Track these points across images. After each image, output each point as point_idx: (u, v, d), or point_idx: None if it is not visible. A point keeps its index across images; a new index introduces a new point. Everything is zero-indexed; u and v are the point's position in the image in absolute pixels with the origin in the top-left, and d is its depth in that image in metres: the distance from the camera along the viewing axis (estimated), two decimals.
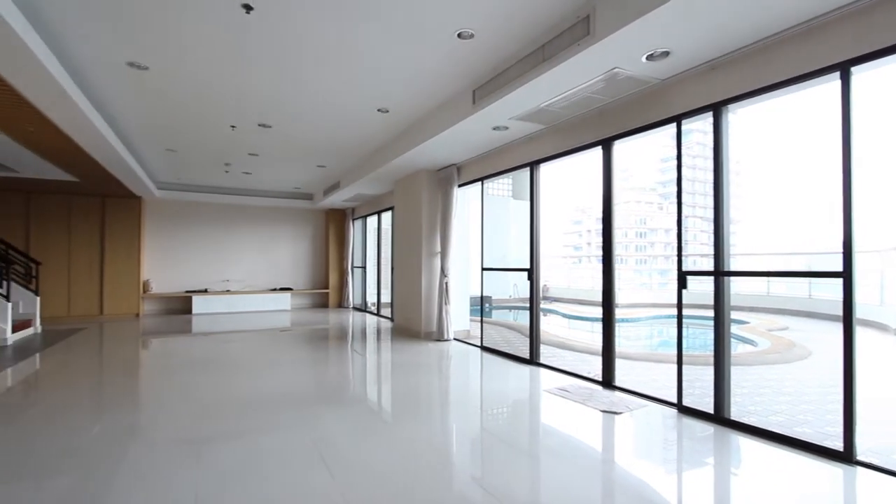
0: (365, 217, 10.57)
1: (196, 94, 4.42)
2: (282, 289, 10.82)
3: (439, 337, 6.39)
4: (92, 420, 3.22)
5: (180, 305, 9.98)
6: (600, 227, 4.23)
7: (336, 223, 11.37)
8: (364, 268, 10.90)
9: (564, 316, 13.14)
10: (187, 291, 9.91)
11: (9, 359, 5.23)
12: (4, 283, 6.18)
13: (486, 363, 5.13)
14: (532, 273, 5.04)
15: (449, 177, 6.36)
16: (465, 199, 6.64)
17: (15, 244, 7.67)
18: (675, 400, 3.43)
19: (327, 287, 11.34)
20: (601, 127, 4.07)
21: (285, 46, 3.43)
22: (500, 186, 7.06)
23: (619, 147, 4.09)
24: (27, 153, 5.68)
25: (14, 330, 6.27)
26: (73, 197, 8.69)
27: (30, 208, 8.40)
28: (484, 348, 5.86)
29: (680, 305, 3.43)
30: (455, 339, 6.52)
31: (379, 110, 4.85)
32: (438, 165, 6.42)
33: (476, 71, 3.85)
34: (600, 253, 4.22)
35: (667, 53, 2.94)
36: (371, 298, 10.54)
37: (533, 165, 5.02)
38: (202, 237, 10.24)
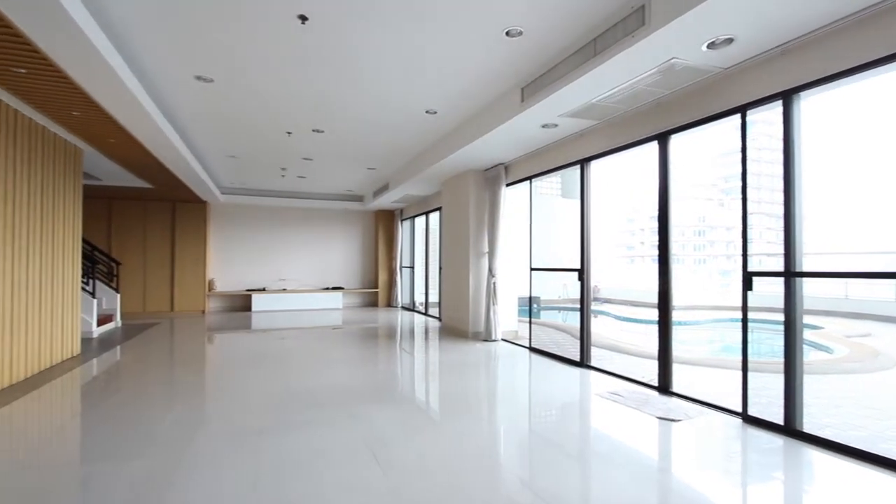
0: (413, 218, 10.73)
1: (255, 103, 4.67)
2: (333, 288, 11.19)
3: (487, 337, 6.37)
4: (164, 408, 3.49)
5: (241, 303, 10.57)
6: (655, 225, 4.06)
7: (385, 224, 11.62)
8: (412, 268, 11.06)
9: (616, 318, 12.71)
10: (247, 290, 10.48)
11: (94, 350, 5.76)
12: (91, 281, 6.80)
13: (535, 364, 5.06)
14: (583, 273, 4.91)
15: (496, 176, 6.32)
16: (512, 199, 6.58)
17: (98, 246, 8.44)
18: (739, 409, 3.23)
19: (377, 286, 11.62)
20: (657, 120, 3.90)
21: (338, 54, 3.55)
22: (548, 185, 6.94)
23: (676, 141, 3.90)
24: (109, 163, 6.23)
25: (98, 324, 6.89)
26: (147, 202, 9.43)
27: (111, 213, 9.21)
28: (532, 349, 5.78)
29: (745, 308, 3.22)
30: (503, 339, 6.48)
31: (427, 112, 4.90)
32: (486, 165, 6.40)
33: (524, 68, 3.80)
34: (655, 252, 4.05)
35: (730, 40, 2.77)
36: (419, 298, 10.68)
37: (583, 163, 4.89)
38: (260, 238, 10.79)
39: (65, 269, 5.10)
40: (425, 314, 9.73)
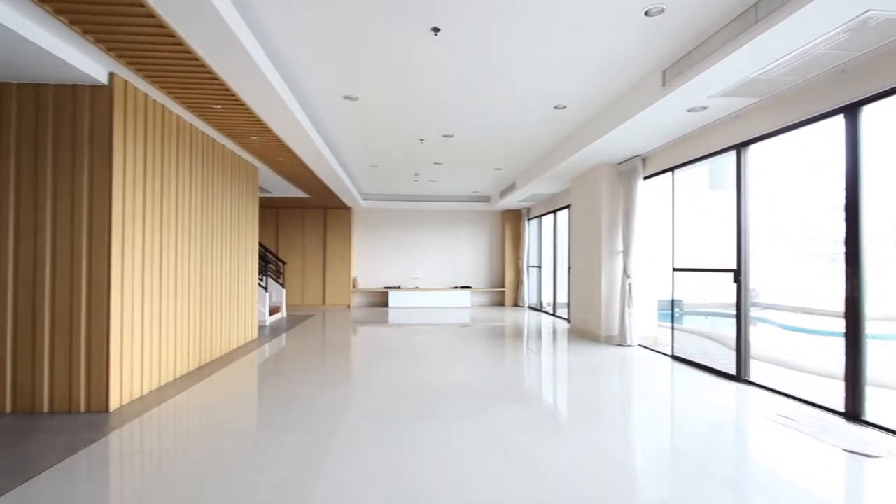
0: (540, 217, 10.54)
1: (393, 115, 5.05)
2: (462, 287, 11.56)
3: (621, 342, 5.96)
4: (318, 388, 3.97)
5: (379, 299, 11.55)
6: (836, 217, 3.36)
7: (512, 223, 11.63)
8: (539, 267, 10.87)
9: (782, 327, 10.83)
10: (385, 287, 11.40)
11: (267, 336, 6.83)
12: (264, 278, 8.08)
13: (678, 375, 4.57)
14: (739, 274, 4.29)
15: (632, 169, 5.88)
16: (651, 193, 6.05)
17: (269, 248, 9.98)
18: None
19: (503, 286, 11.68)
20: (841, 91, 3.23)
21: (467, 60, 3.65)
22: (693, 176, 6.21)
23: (870, 113, 3.18)
24: (277, 177, 7.32)
25: (270, 314, 8.15)
26: (305, 210, 10.87)
27: (278, 220, 10.81)
28: (675, 358, 5.24)
29: None
30: (639, 345, 6.00)
31: (556, 107, 4.78)
32: (620, 158, 5.99)
33: (666, 49, 3.47)
34: (837, 250, 3.35)
35: None
36: (546, 298, 10.45)
37: (740, 148, 4.28)
38: (396, 239, 11.66)
39: (246, 267, 6.13)
40: (553, 315, 9.48)
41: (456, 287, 11.57)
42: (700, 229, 6.59)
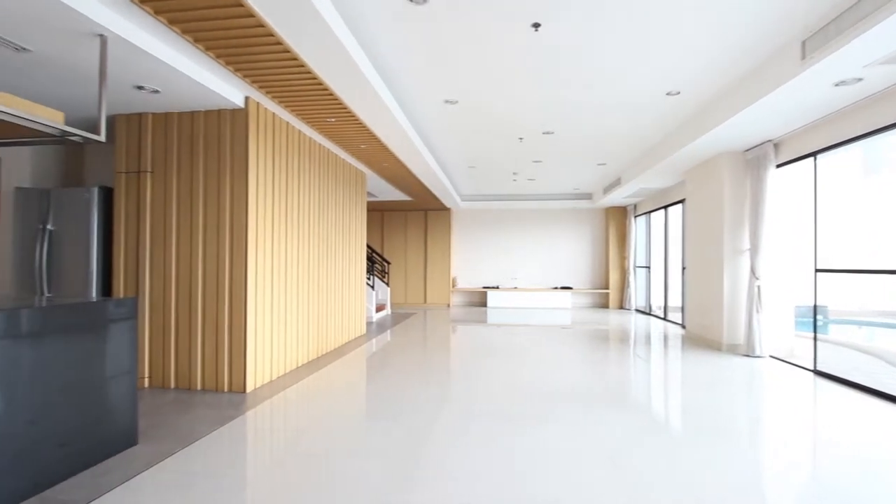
0: (649, 213, 9.82)
1: (491, 116, 5.07)
2: (562, 287, 11.21)
3: (748, 351, 5.31)
4: (420, 382, 4.13)
5: (478, 299, 11.66)
6: None
7: (616, 221, 11.00)
8: (648, 267, 10.12)
9: None
10: (483, 287, 11.48)
11: (374, 331, 7.28)
12: (371, 277, 8.62)
13: (823, 394, 3.94)
14: None
15: (761, 157, 5.21)
16: (785, 183, 5.30)
17: (375, 249, 10.63)
18: None
19: (607, 287, 11.09)
20: None
21: (570, 52, 3.53)
22: (841, 161, 5.29)
23: None
24: (382, 182, 7.77)
25: (376, 311, 8.67)
26: (407, 212, 11.38)
27: (383, 222, 11.46)
28: (818, 373, 4.52)
29: None
30: (771, 356, 5.28)
31: (668, 94, 4.41)
32: (745, 145, 5.34)
33: (804, 16, 3.01)
34: None
35: None
36: (656, 301, 9.69)
37: None
38: (494, 239, 11.68)
39: (356, 267, 6.60)
40: (664, 319, 8.76)
41: (556, 288, 11.24)
42: (851, 223, 5.61)
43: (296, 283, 4.71)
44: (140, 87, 3.39)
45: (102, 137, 2.64)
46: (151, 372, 3.96)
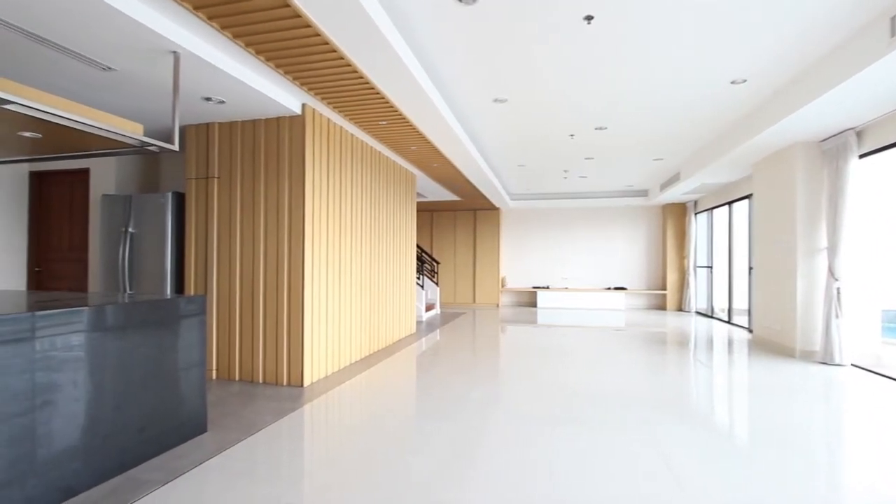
0: (711, 210, 9.27)
1: (541, 113, 4.99)
2: (615, 288, 10.82)
3: (825, 359, 4.88)
4: (468, 382, 4.13)
5: (528, 299, 11.50)
6: None
7: (674, 219, 10.47)
8: (710, 267, 9.56)
9: None
10: (533, 287, 11.31)
11: (423, 330, 7.37)
12: (420, 276, 8.74)
13: None
14: None
15: (840, 147, 4.77)
16: (869, 175, 4.83)
17: (425, 249, 10.75)
18: None
19: (664, 288, 10.59)
20: None
21: (625, 44, 3.41)
22: None
23: None
24: (431, 183, 7.85)
25: (426, 310, 8.77)
26: (456, 212, 11.43)
27: (433, 222, 11.58)
28: None
29: None
30: (853, 364, 4.82)
31: (733, 83, 4.14)
32: (822, 135, 4.92)
33: None
34: None
35: None
36: (719, 303, 9.13)
37: None
38: (544, 239, 11.47)
39: (406, 267, 6.71)
40: (728, 322, 8.24)
41: (609, 288, 10.87)
42: None
43: (349, 283, 4.86)
44: (208, 99, 3.64)
45: (176, 147, 2.85)
46: (218, 364, 4.23)
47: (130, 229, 4.54)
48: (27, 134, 2.46)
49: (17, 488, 1.90)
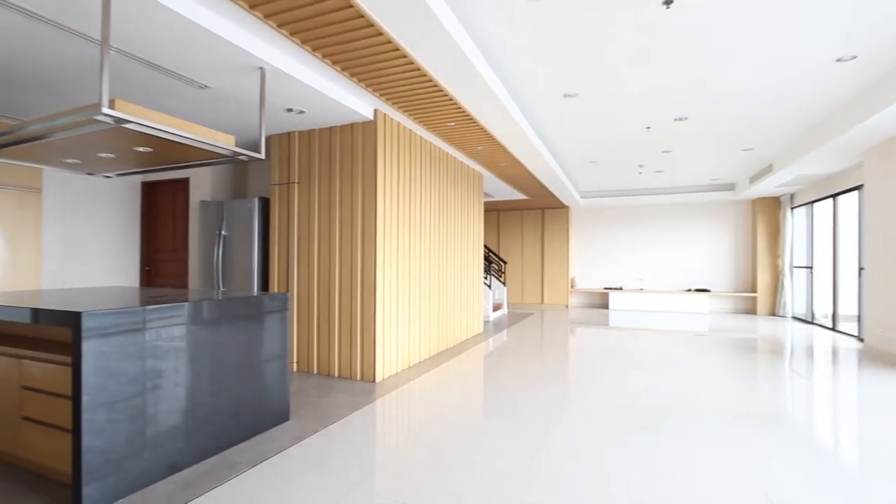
0: (810, 204, 8.34)
1: (614, 107, 4.77)
2: (697, 290, 10.08)
3: None
4: (538, 384, 4.04)
5: (599, 300, 11.06)
6: None
7: (766, 214, 9.54)
8: (810, 268, 8.60)
9: None
10: (605, 288, 10.85)
11: (490, 330, 7.34)
12: (488, 276, 8.72)
13: None
14: None
15: None
16: None
17: (492, 248, 10.71)
18: None
19: (755, 290, 9.68)
20: None
21: (709, 26, 3.17)
22: None
23: None
24: (498, 182, 7.80)
25: (493, 310, 8.74)
26: (523, 211, 11.26)
27: (500, 222, 11.51)
28: None
29: None
30: None
31: (838, 60, 3.70)
32: None
33: None
34: None
35: None
36: (822, 308, 8.17)
37: None
38: (617, 238, 10.97)
39: (473, 267, 6.73)
40: (833, 329, 7.35)
41: (689, 290, 10.14)
42: None
43: (419, 282, 4.97)
44: (289, 110, 3.89)
45: (263, 155, 3.08)
46: (298, 358, 4.52)
47: (223, 232, 4.99)
48: (141, 149, 2.78)
49: (135, 460, 2.15)
